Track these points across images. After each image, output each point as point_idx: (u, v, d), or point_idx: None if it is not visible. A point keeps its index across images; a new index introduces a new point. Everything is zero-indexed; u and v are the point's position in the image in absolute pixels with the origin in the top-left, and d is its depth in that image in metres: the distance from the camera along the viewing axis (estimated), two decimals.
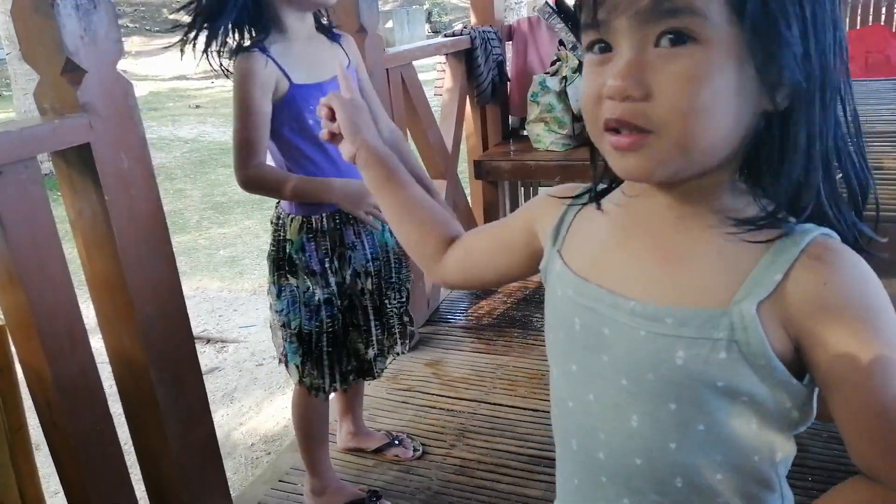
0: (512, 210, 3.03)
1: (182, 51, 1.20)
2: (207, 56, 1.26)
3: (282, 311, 1.39)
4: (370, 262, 1.42)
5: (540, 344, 2.16)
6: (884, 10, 3.07)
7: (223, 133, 7.97)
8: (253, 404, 2.67)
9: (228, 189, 5.86)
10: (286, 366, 1.43)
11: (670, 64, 0.48)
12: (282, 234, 1.38)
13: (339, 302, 1.39)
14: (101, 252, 1.14)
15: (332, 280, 1.37)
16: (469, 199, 2.82)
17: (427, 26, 14.74)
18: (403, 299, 1.52)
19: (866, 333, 0.49)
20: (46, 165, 4.47)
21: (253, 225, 5.00)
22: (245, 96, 1.23)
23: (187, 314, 1.29)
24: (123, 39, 1.18)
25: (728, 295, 0.52)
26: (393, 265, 1.47)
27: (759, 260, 0.52)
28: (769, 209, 0.53)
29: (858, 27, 3.13)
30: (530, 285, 2.62)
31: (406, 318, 1.55)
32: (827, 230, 0.52)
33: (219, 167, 6.58)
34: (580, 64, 2.64)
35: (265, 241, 4.85)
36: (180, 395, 1.26)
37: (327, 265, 1.36)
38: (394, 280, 1.48)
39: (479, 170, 2.65)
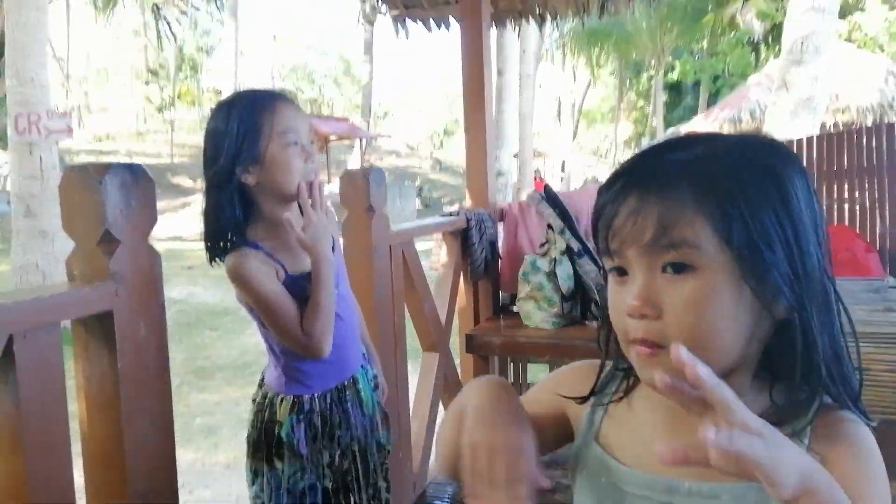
0: None
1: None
2: (210, 251, 1.30)
3: (259, 497, 1.33)
4: (355, 441, 1.38)
5: None
6: (846, 211, 3.34)
7: (213, 295, 8.04)
8: None
9: (213, 353, 5.80)
10: None
11: (675, 289, 0.57)
12: (266, 414, 1.34)
13: (326, 484, 1.35)
14: (104, 418, 1.13)
15: (323, 461, 1.33)
16: (459, 372, 2.82)
17: (418, 200, 15.56)
18: (385, 458, 1.48)
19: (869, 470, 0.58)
20: None
21: (234, 392, 4.88)
22: (260, 290, 1.23)
23: (178, 495, 1.24)
24: None
25: None
26: (380, 429, 1.45)
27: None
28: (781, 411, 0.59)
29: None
30: None
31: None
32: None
33: (206, 329, 6.55)
34: (568, 247, 2.80)
35: (246, 410, 4.76)
36: None
37: (318, 446, 1.33)
38: (382, 442, 1.45)
39: (471, 343, 2.68)
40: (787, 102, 5.16)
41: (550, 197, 3.02)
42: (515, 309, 2.92)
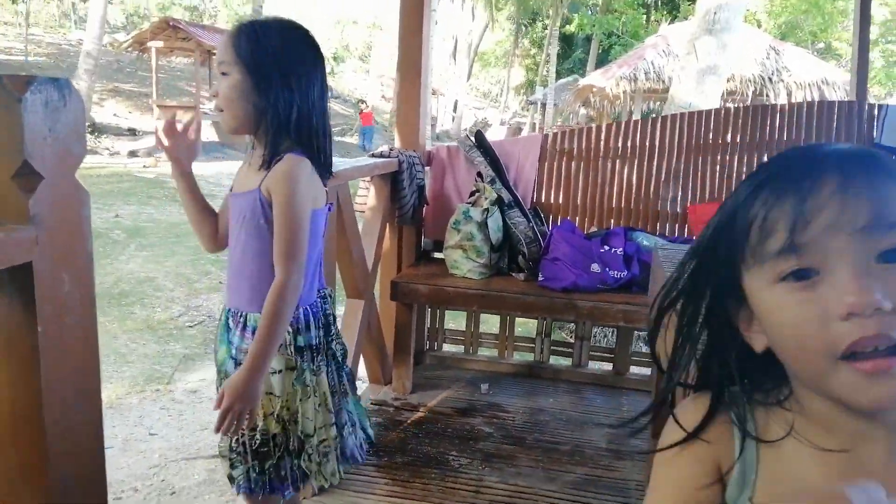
0: (419, 331, 2.94)
1: None
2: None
3: None
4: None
5: (460, 488, 2.03)
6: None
7: None
8: None
9: None
10: None
11: None
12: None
13: None
14: (15, 392, 0.91)
15: None
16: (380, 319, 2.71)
17: None
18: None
19: None
20: None
21: (110, 324, 4.48)
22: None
23: (105, 475, 1.06)
24: None
25: None
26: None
27: None
28: None
29: None
30: (439, 419, 2.51)
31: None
32: None
33: None
34: (499, 197, 2.72)
35: (123, 344, 4.38)
36: None
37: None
38: None
39: (396, 291, 2.57)
40: (694, 68, 5.35)
41: (482, 143, 2.91)
42: (439, 256, 2.83)
